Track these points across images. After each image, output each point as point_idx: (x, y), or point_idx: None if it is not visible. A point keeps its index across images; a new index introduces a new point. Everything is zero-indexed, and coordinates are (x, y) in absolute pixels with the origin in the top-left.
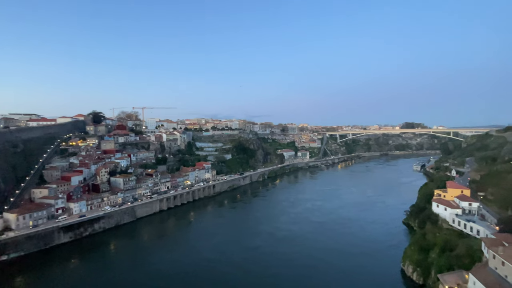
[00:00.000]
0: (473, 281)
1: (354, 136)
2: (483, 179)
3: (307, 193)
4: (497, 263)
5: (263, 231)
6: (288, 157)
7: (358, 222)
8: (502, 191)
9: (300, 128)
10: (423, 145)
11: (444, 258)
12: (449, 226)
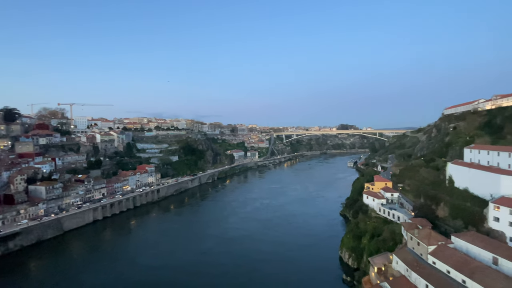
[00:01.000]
0: (396, 261)
1: (298, 137)
2: (401, 173)
3: (256, 192)
4: (414, 243)
5: (212, 234)
6: (238, 157)
7: (302, 216)
8: (416, 182)
9: (249, 128)
10: (355, 144)
11: (374, 243)
12: (376, 215)
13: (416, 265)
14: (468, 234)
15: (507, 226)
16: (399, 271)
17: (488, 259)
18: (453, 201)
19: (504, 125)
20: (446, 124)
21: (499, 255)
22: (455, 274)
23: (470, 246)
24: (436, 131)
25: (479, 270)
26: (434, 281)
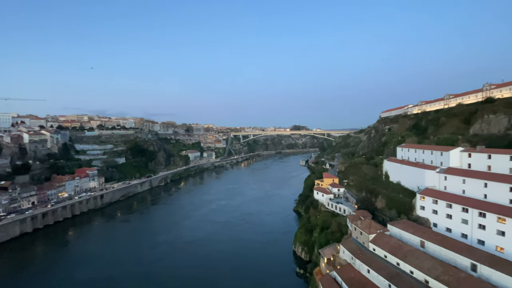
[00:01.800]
0: (342, 250)
1: (255, 137)
2: (346, 170)
3: (213, 193)
4: (357, 233)
5: (164, 241)
6: (194, 158)
7: (258, 215)
8: (359, 178)
9: (205, 128)
10: (307, 144)
11: (323, 236)
12: (326, 209)
13: (359, 252)
14: (401, 222)
15: (431, 213)
16: (346, 260)
17: (417, 243)
18: (388, 193)
19: (428, 127)
20: (383, 125)
21: (425, 239)
22: (391, 258)
23: (402, 232)
24: (375, 132)
25: (410, 253)
26: (374, 266)
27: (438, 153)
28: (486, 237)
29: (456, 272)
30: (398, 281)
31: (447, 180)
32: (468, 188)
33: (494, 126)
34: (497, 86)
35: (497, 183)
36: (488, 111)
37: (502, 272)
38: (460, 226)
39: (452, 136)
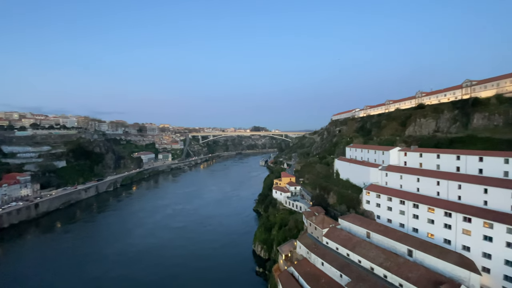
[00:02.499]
0: (299, 246)
1: (214, 138)
2: (302, 169)
3: (168, 198)
4: (312, 229)
5: (112, 252)
6: (148, 160)
7: (217, 218)
8: (313, 176)
9: (161, 128)
10: (266, 145)
11: (281, 233)
12: (284, 207)
13: (314, 247)
14: (350, 216)
15: (375, 207)
16: (302, 255)
17: (363, 234)
18: (339, 190)
19: (372, 129)
20: (334, 127)
21: (371, 230)
22: (342, 250)
23: (351, 225)
24: (327, 133)
25: (358, 244)
26: (327, 258)
27: (380, 152)
28: (419, 225)
29: (396, 258)
30: (348, 270)
31: (388, 176)
32: (404, 183)
33: (424, 128)
34: (426, 94)
35: (427, 178)
36: (419, 116)
37: (432, 255)
38: (399, 216)
39: (392, 137)
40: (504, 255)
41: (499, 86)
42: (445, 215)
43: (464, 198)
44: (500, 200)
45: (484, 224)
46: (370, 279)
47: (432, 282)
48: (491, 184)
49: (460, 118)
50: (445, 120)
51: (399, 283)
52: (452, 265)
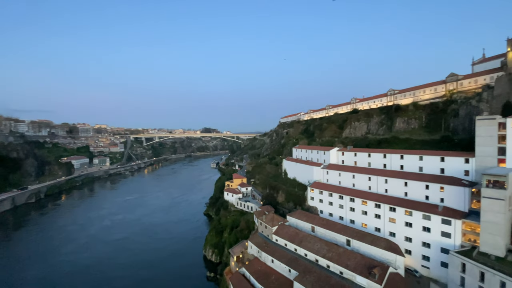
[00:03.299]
0: (250, 246)
1: (161, 139)
2: (253, 170)
3: (106, 207)
4: (262, 227)
5: (31, 277)
6: (80, 165)
7: (164, 226)
8: (263, 176)
9: (96, 129)
10: (217, 147)
11: (233, 235)
12: (235, 208)
13: (265, 245)
14: (297, 212)
15: (318, 202)
16: (253, 254)
17: (309, 229)
18: (287, 188)
19: (315, 131)
20: (282, 130)
21: (315, 224)
22: (290, 245)
23: (298, 221)
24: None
25: (304, 238)
26: (277, 255)
27: (322, 152)
28: (355, 217)
29: (337, 249)
30: (296, 265)
31: (329, 174)
32: (342, 179)
33: (358, 131)
34: (359, 100)
35: (361, 175)
36: (354, 120)
37: (366, 243)
38: (338, 210)
39: (331, 139)
40: (421, 237)
41: (415, 95)
42: (375, 207)
43: (390, 191)
44: (417, 191)
45: (405, 212)
46: (316, 271)
47: (366, 267)
48: (410, 178)
49: (386, 122)
50: (375, 123)
51: (340, 271)
52: (382, 250)
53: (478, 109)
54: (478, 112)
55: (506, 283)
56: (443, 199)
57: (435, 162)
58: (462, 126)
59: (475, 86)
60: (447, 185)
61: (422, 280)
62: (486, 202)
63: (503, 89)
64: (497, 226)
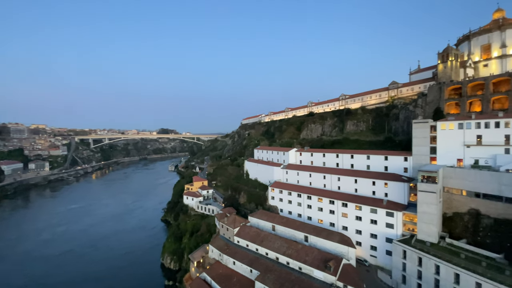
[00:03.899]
0: (211, 249)
1: (111, 141)
2: (214, 171)
3: (44, 219)
4: (224, 230)
5: None
6: (12, 171)
7: (116, 236)
8: (225, 178)
9: (32, 130)
10: (176, 148)
11: (193, 240)
12: (196, 212)
13: (226, 248)
14: (258, 212)
15: (278, 201)
16: (214, 258)
17: (270, 228)
18: (249, 189)
19: (275, 133)
20: (244, 131)
21: (275, 223)
22: (252, 246)
23: (259, 221)
24: (238, 136)
25: (265, 238)
26: (238, 256)
27: (281, 153)
28: (312, 213)
29: (296, 245)
30: (257, 264)
31: (288, 174)
32: (300, 178)
33: (314, 132)
34: (315, 104)
35: (317, 173)
36: (310, 122)
37: (322, 238)
38: (297, 208)
39: (290, 140)
40: (369, 230)
41: (363, 100)
42: (330, 203)
43: (342, 188)
44: (365, 188)
45: (356, 207)
46: (276, 269)
47: (323, 260)
48: (359, 176)
49: (338, 124)
50: (328, 125)
51: (299, 266)
52: (336, 243)
53: (414, 113)
54: (414, 116)
55: (439, 266)
56: (387, 193)
57: (380, 161)
58: (401, 128)
59: (412, 93)
60: (390, 181)
61: (370, 268)
62: (421, 195)
63: (434, 96)
64: (430, 216)
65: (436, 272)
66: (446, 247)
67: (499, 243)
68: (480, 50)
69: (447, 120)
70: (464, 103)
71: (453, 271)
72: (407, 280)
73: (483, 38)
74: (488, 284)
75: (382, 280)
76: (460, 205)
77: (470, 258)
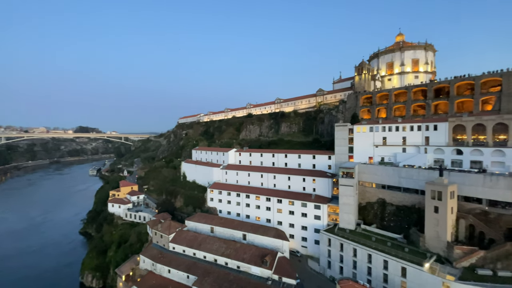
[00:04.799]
0: (142, 260)
1: (9, 141)
2: (146, 175)
3: None
4: (158, 237)
5: None
6: None
7: (18, 257)
8: (159, 181)
9: None
10: (98, 150)
11: (120, 252)
12: (123, 221)
13: (160, 256)
14: (196, 215)
15: (218, 202)
16: (147, 269)
17: (208, 230)
18: (186, 192)
19: (214, 133)
20: (181, 131)
21: (214, 225)
22: (189, 251)
23: (197, 224)
24: (174, 136)
25: (203, 241)
26: (174, 264)
27: (221, 153)
28: (250, 212)
29: (234, 245)
30: (194, 269)
31: (227, 174)
32: (240, 178)
33: (252, 133)
34: (253, 106)
35: (255, 173)
36: (249, 123)
37: (259, 235)
38: (236, 208)
39: (230, 140)
40: (301, 222)
41: (295, 104)
42: (266, 200)
43: (278, 185)
44: (297, 184)
45: (289, 202)
46: (215, 271)
47: (260, 256)
48: (292, 173)
49: (274, 126)
50: (265, 127)
51: (237, 265)
52: (272, 238)
53: (337, 118)
54: (336, 120)
55: (356, 249)
56: (315, 189)
57: (309, 159)
58: (326, 131)
59: (335, 100)
60: (317, 177)
61: (302, 258)
62: (342, 189)
63: (352, 103)
64: (349, 207)
65: (354, 255)
66: (362, 232)
67: (400, 226)
68: (386, 67)
69: (361, 124)
70: (374, 110)
71: (366, 253)
72: (331, 265)
73: (388, 57)
74: (392, 261)
75: (312, 268)
76: (371, 196)
77: (379, 240)
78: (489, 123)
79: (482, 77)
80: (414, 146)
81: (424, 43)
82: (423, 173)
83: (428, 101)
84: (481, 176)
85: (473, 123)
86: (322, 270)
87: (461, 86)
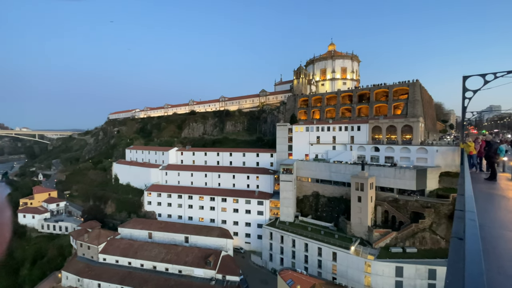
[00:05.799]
0: (65, 276)
1: None
2: (68, 178)
3: None
4: (84, 249)
5: None
6: None
7: None
8: (84, 186)
9: None
10: (4, 149)
11: (37, 269)
12: (39, 234)
13: (87, 270)
14: (131, 221)
15: (156, 206)
16: (71, 286)
17: (146, 236)
18: (118, 196)
19: (152, 131)
20: (112, 128)
21: (152, 230)
22: (123, 260)
23: (132, 231)
24: (103, 134)
25: (140, 248)
26: (105, 276)
27: (160, 153)
28: (193, 213)
29: (175, 249)
30: (129, 280)
31: (168, 175)
32: (182, 179)
33: (196, 131)
34: (197, 103)
35: (198, 172)
36: (192, 121)
37: (202, 235)
38: (177, 210)
39: (171, 139)
40: (244, 219)
41: (240, 103)
42: (211, 200)
43: (222, 184)
44: (242, 182)
45: (233, 200)
46: (153, 279)
47: (203, 258)
48: (236, 172)
49: (219, 124)
50: (210, 125)
51: (178, 270)
52: (216, 238)
53: (278, 118)
54: (278, 120)
55: (295, 240)
56: (258, 185)
57: (253, 158)
58: (269, 130)
59: (276, 101)
60: (261, 175)
61: (245, 254)
62: (282, 184)
63: (291, 105)
64: (289, 200)
65: (293, 246)
66: (299, 223)
67: (331, 215)
68: (320, 72)
69: (299, 124)
70: (310, 112)
71: (303, 242)
72: (273, 257)
73: (322, 63)
74: (325, 247)
75: (255, 262)
76: (307, 189)
77: (314, 229)
78: (398, 125)
79: (394, 86)
80: (342, 144)
81: (351, 54)
82: (349, 168)
83: (353, 105)
84: (392, 169)
85: (387, 125)
86: (264, 264)
87: (379, 93)
